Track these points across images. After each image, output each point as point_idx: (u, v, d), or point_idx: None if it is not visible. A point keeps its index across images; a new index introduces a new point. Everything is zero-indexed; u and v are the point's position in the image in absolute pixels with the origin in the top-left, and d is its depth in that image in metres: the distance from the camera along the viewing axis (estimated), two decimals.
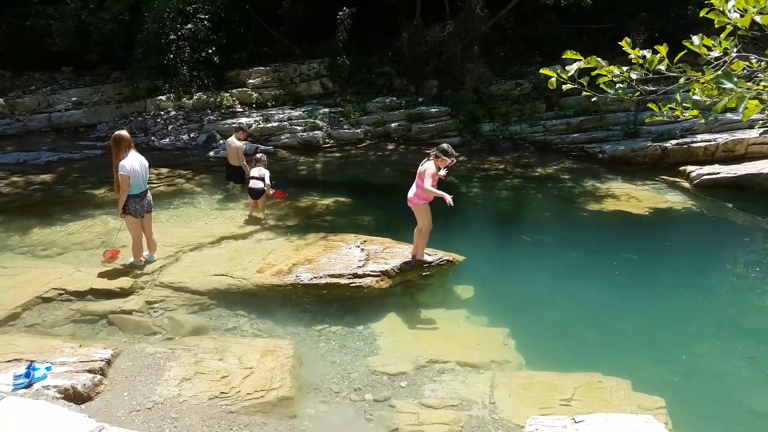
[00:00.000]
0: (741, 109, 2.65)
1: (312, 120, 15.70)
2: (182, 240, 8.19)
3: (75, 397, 4.72)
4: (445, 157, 6.86)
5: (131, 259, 7.38)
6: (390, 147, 15.27)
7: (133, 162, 6.97)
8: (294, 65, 17.76)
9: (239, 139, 10.47)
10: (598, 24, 17.99)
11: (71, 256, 8.04)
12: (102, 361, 5.21)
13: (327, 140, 15.30)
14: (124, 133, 7.19)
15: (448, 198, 6.58)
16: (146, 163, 7.23)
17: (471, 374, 5.55)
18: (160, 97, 16.67)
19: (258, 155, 9.75)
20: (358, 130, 15.59)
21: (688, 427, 4.65)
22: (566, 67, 3.05)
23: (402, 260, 7.35)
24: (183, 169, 12.67)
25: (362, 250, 7.59)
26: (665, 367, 5.88)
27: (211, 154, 14.02)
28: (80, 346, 5.50)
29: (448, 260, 7.59)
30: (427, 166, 6.86)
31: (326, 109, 16.46)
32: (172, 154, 14.09)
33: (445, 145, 6.99)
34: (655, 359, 6.02)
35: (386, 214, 10.30)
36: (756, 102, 2.63)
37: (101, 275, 7.06)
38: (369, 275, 6.97)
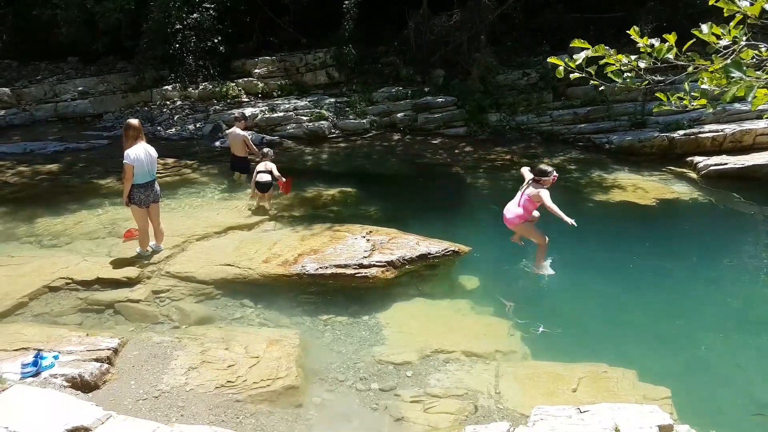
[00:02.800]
0: (750, 98, 2.62)
1: (318, 110, 15.68)
2: (188, 230, 8.22)
3: (82, 385, 4.76)
4: (548, 177, 7.08)
5: (138, 249, 7.41)
6: (396, 137, 15.23)
7: (138, 151, 6.95)
8: (300, 55, 17.72)
9: (241, 129, 10.44)
10: (605, 13, 17.81)
11: (78, 245, 8.08)
12: (109, 350, 5.24)
13: (333, 130, 15.28)
14: (133, 121, 7.19)
15: (570, 220, 6.72)
16: (154, 154, 7.21)
17: (476, 364, 5.56)
18: (166, 87, 16.67)
19: (265, 150, 9.73)
20: (364, 121, 15.54)
21: (694, 417, 4.63)
22: (574, 56, 3.03)
23: (407, 251, 7.34)
24: (189, 159, 12.70)
25: (368, 240, 7.58)
26: (671, 358, 5.87)
27: (217, 144, 14.03)
28: (87, 335, 5.54)
29: (453, 251, 7.57)
30: (542, 194, 6.93)
31: (332, 99, 16.43)
32: (178, 144, 14.11)
33: (542, 166, 7.23)
34: (661, 350, 6.01)
35: (392, 204, 10.29)
36: (765, 91, 2.60)
37: (108, 265, 7.10)
38: (374, 266, 6.97)
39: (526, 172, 7.43)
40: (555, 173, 7.17)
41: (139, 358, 5.30)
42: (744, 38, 2.81)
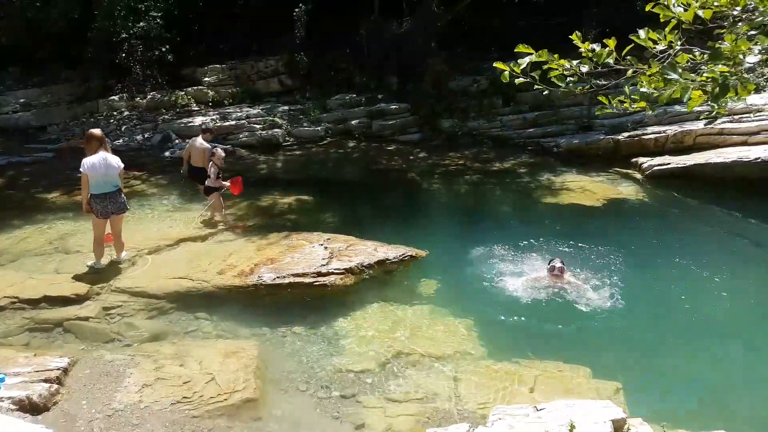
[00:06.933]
0: (685, 99, 2.75)
1: (271, 118, 15.55)
2: (138, 243, 8.01)
3: (31, 407, 4.58)
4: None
5: (90, 262, 7.23)
6: (351, 144, 15.23)
7: (94, 160, 6.93)
8: (251, 62, 17.53)
9: (206, 140, 10.20)
10: (552, 19, 18.25)
11: (24, 262, 7.77)
12: (58, 369, 5.06)
13: (287, 138, 15.18)
14: (94, 131, 7.26)
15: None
16: (117, 164, 7.12)
17: (436, 367, 5.60)
18: (113, 97, 16.27)
19: (216, 149, 9.55)
20: (319, 128, 15.49)
21: (645, 410, 4.78)
22: (518, 61, 3.11)
23: (366, 257, 7.35)
24: (138, 170, 12.39)
25: (326, 248, 7.56)
26: (621, 353, 6.04)
27: (167, 154, 13.74)
28: (35, 355, 5.35)
29: (410, 256, 7.63)
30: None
31: (285, 107, 16.31)
32: (126, 155, 13.58)
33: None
34: (611, 346, 6.19)
35: (349, 211, 10.29)
36: (699, 92, 2.74)
37: (56, 282, 6.87)
38: (333, 273, 6.96)
39: None
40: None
41: (91, 377, 5.13)
42: (679, 43, 2.95)
